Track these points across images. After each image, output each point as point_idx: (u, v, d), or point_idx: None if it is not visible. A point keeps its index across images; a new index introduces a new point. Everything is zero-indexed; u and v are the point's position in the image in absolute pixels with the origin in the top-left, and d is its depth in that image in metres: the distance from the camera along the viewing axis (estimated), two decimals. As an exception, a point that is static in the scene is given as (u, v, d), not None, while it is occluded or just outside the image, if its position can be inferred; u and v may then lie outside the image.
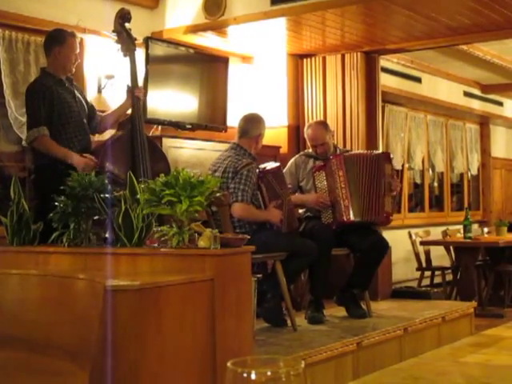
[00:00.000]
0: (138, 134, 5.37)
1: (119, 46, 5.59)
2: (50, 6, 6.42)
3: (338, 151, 6.35)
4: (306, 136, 6.38)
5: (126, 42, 5.56)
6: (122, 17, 5.57)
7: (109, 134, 5.85)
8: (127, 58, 5.58)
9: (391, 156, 6.33)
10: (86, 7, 6.67)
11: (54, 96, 5.18)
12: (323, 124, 6.38)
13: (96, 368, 3.12)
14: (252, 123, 5.76)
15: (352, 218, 6.02)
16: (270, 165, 5.81)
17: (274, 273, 5.43)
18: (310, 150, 6.36)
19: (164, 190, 3.80)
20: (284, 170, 6.23)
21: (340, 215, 6.02)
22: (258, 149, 5.78)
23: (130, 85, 5.57)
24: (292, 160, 6.41)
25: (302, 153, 6.57)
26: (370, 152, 6.52)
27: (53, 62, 5.38)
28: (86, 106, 5.49)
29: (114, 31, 5.60)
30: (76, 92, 5.43)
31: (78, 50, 5.41)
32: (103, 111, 5.90)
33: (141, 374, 3.35)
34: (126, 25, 5.58)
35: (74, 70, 5.43)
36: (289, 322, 5.56)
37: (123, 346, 3.32)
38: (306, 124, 6.80)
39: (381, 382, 1.88)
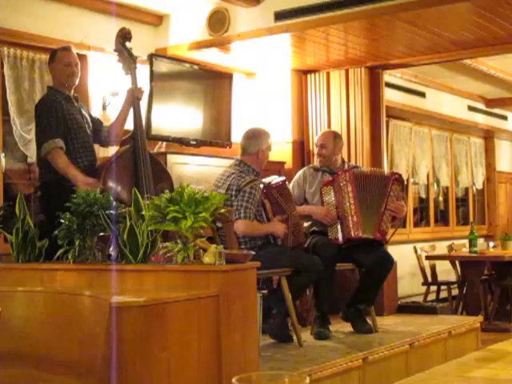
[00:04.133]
0: (140, 150, 5.36)
1: (121, 64, 5.60)
2: (54, 23, 6.46)
3: (347, 166, 6.34)
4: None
5: (127, 60, 5.56)
6: (123, 36, 5.57)
7: (114, 150, 5.86)
8: (129, 76, 5.59)
9: (402, 178, 6.30)
10: (91, 25, 6.71)
11: (64, 111, 5.19)
12: (334, 133, 6.38)
13: (102, 385, 3.11)
14: (250, 139, 5.72)
15: (360, 234, 5.99)
16: (275, 179, 5.79)
17: (280, 288, 5.42)
18: (318, 164, 6.34)
19: (169, 207, 3.80)
20: (292, 181, 6.24)
21: (348, 231, 6.00)
22: (263, 163, 5.74)
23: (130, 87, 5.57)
24: (300, 171, 6.40)
25: (310, 165, 6.56)
26: (381, 171, 6.57)
27: (53, 80, 5.42)
28: (90, 124, 5.49)
29: (115, 50, 5.61)
30: (82, 110, 5.43)
31: (73, 62, 5.30)
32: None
33: (146, 391, 3.34)
34: (127, 44, 5.58)
35: (74, 82, 5.35)
36: (294, 337, 5.54)
37: (129, 363, 3.31)
38: (315, 138, 6.86)
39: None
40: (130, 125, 5.67)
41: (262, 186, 5.58)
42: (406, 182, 10.63)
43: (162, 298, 3.51)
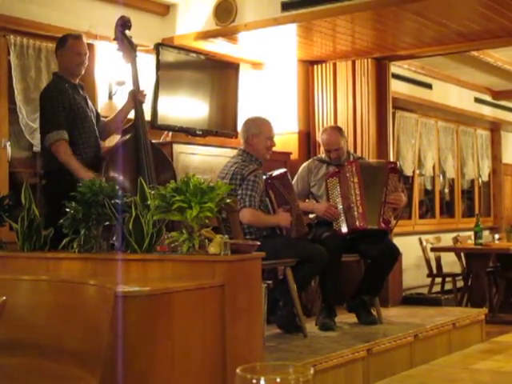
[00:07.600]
0: (141, 140, 5.35)
1: (121, 53, 5.59)
2: (61, 12, 6.45)
3: (352, 157, 6.34)
4: (320, 140, 6.38)
5: (128, 49, 5.54)
6: (123, 24, 5.55)
7: (117, 139, 5.85)
8: (129, 65, 5.58)
9: (397, 166, 6.28)
10: (98, 14, 6.70)
11: (70, 101, 5.18)
12: (338, 129, 6.37)
13: (106, 374, 3.12)
14: (241, 129, 5.78)
15: (365, 225, 5.99)
16: (277, 171, 5.79)
17: (285, 279, 5.43)
18: (323, 155, 6.35)
19: (174, 196, 3.80)
20: (296, 175, 6.23)
21: (353, 222, 6.00)
22: (258, 149, 5.64)
23: (132, 88, 5.57)
24: (304, 164, 6.40)
25: (315, 157, 6.56)
26: (381, 161, 6.59)
27: (59, 66, 5.42)
28: (95, 113, 5.50)
29: (114, 39, 5.60)
30: (87, 98, 5.44)
31: (83, 52, 5.32)
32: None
33: (151, 380, 3.36)
34: (127, 32, 5.57)
35: (81, 72, 5.36)
36: (299, 328, 5.55)
37: (133, 352, 3.32)
38: (321, 129, 6.84)
39: (391, 388, 1.87)
40: (131, 114, 5.67)
41: (264, 177, 5.57)
42: (403, 172, 10.55)
43: (167, 287, 3.52)
